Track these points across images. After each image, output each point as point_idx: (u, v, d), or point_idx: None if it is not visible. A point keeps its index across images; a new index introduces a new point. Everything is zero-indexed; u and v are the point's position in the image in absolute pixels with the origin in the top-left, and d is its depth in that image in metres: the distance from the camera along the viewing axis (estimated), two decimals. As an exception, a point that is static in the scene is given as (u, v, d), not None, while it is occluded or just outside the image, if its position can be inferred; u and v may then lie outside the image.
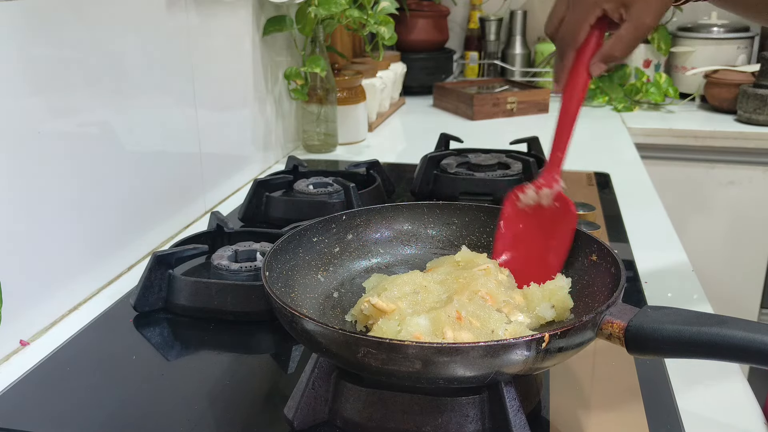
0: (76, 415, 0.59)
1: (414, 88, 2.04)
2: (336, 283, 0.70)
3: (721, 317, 0.50)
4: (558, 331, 0.49)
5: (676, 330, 0.50)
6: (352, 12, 1.29)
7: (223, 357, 0.68)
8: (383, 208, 0.75)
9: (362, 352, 0.49)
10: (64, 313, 0.78)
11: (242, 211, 1.02)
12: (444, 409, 0.53)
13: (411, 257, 0.75)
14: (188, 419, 0.57)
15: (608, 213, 1.05)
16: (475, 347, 0.47)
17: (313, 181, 1.06)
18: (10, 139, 0.68)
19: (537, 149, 1.23)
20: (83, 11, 0.78)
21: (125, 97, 0.87)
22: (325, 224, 0.71)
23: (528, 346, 0.48)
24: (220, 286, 0.73)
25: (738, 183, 1.75)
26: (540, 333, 0.48)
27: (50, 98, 0.74)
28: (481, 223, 0.75)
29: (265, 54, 1.29)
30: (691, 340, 0.49)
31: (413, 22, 2.01)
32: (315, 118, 1.40)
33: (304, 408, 0.55)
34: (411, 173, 1.19)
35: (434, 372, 0.48)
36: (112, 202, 0.85)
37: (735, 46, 1.91)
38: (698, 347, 0.49)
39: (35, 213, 0.72)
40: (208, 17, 1.07)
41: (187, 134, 1.03)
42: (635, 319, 0.52)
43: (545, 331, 0.48)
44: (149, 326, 0.73)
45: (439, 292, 0.62)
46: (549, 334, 0.48)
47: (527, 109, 1.81)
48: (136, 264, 0.90)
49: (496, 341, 0.48)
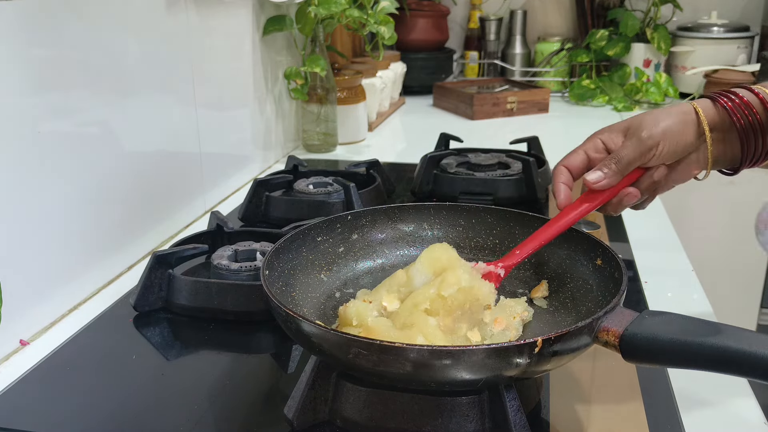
0: (76, 415, 0.59)
1: (414, 88, 2.04)
2: (339, 283, 0.70)
3: (719, 327, 0.49)
4: (552, 336, 0.48)
5: (670, 340, 0.49)
6: (352, 12, 1.29)
7: (223, 357, 0.68)
8: (389, 208, 0.75)
9: (353, 353, 0.49)
10: (64, 313, 0.78)
11: (242, 210, 1.02)
12: (444, 409, 0.53)
13: (415, 258, 0.74)
14: (188, 419, 0.57)
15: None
16: (467, 351, 0.47)
17: (313, 180, 1.06)
18: (10, 139, 0.68)
19: (537, 149, 1.23)
20: (83, 11, 0.78)
21: (125, 97, 0.87)
22: (330, 224, 0.71)
23: (520, 350, 0.48)
24: (220, 286, 0.73)
25: (738, 183, 1.75)
26: (533, 338, 0.48)
27: (50, 98, 0.74)
28: (488, 224, 0.75)
29: (265, 54, 1.29)
30: (686, 351, 0.49)
31: (413, 21, 2.01)
32: (315, 117, 1.40)
33: (304, 408, 0.55)
34: (411, 173, 1.19)
35: (426, 374, 0.48)
36: (112, 202, 0.85)
37: (735, 46, 1.91)
38: (693, 359, 0.49)
39: (35, 213, 0.72)
40: (208, 17, 1.06)
41: (187, 134, 1.03)
42: (631, 327, 0.51)
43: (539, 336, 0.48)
44: (149, 326, 0.73)
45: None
46: (542, 339, 0.48)
47: (527, 108, 1.81)
48: (136, 264, 0.90)
49: (489, 345, 0.47)
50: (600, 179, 0.67)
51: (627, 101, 1.88)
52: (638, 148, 0.66)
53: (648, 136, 0.65)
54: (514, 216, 0.73)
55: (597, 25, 2.05)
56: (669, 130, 0.65)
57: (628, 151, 0.66)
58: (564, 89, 2.05)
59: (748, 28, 1.94)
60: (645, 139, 0.65)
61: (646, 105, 1.92)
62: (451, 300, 0.61)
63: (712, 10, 1.97)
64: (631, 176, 0.68)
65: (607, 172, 0.67)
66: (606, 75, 1.97)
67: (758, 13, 2.07)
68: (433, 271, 0.65)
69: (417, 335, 0.57)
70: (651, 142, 0.65)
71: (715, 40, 1.92)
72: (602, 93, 1.93)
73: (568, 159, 0.71)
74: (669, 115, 0.66)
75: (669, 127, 0.65)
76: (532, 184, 1.07)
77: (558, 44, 2.07)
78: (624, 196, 0.68)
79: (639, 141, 0.66)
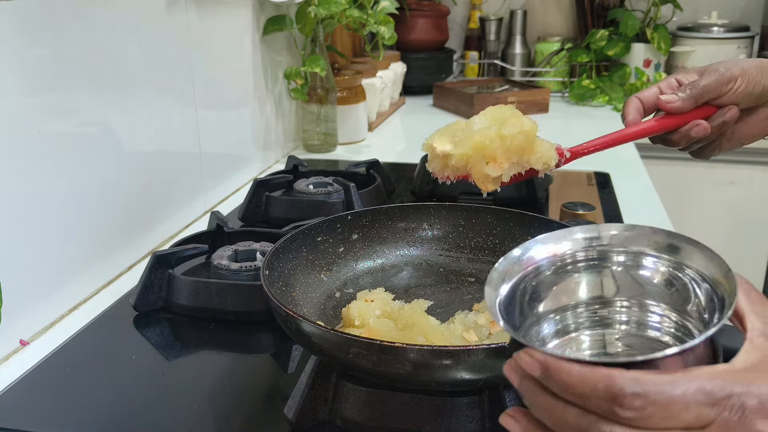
0: (76, 415, 0.59)
1: (414, 88, 2.04)
2: (339, 283, 0.70)
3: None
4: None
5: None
6: (352, 12, 1.29)
7: (223, 357, 0.68)
8: (389, 208, 0.75)
9: (353, 353, 0.49)
10: (64, 313, 0.78)
11: (242, 210, 1.02)
12: (444, 409, 0.53)
13: (415, 258, 0.75)
14: (188, 419, 0.57)
15: (608, 213, 1.05)
16: (468, 350, 0.47)
17: (313, 180, 1.06)
18: (10, 139, 0.68)
19: (537, 149, 1.23)
20: (83, 11, 0.78)
21: (125, 97, 0.87)
22: (330, 224, 0.71)
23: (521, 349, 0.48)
24: (220, 286, 0.73)
25: (738, 183, 1.75)
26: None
27: (50, 98, 0.74)
28: (488, 225, 0.75)
29: (265, 54, 1.29)
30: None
31: (413, 21, 2.01)
32: (315, 117, 1.40)
33: (304, 408, 0.55)
34: (411, 173, 1.19)
35: (426, 374, 0.48)
36: (112, 202, 0.85)
37: (735, 46, 1.91)
38: None
39: (35, 213, 0.72)
40: (208, 17, 1.06)
41: (187, 134, 1.03)
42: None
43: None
44: (149, 326, 0.73)
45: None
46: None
47: (527, 108, 1.80)
48: (136, 264, 0.90)
49: (490, 345, 0.47)
50: (673, 100, 0.69)
51: (627, 101, 1.88)
52: (716, 79, 0.68)
53: (726, 70, 0.68)
54: (514, 216, 0.73)
55: (597, 25, 2.05)
56: (748, 71, 0.68)
57: (705, 81, 0.68)
58: (564, 89, 2.05)
59: (748, 28, 1.94)
60: (723, 72, 0.68)
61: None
62: (511, 140, 0.60)
63: (712, 10, 1.97)
64: (704, 111, 0.69)
65: (682, 96, 0.68)
66: (606, 75, 1.97)
67: (758, 13, 2.07)
68: (494, 122, 0.64)
69: (417, 335, 0.57)
70: (729, 75, 0.67)
71: (715, 40, 1.92)
72: (602, 93, 1.93)
73: (642, 92, 0.72)
74: (748, 60, 0.69)
75: (748, 68, 0.68)
76: (532, 184, 1.07)
77: (558, 44, 2.07)
78: (694, 126, 0.69)
79: (717, 73, 0.68)
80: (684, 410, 0.32)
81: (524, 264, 0.42)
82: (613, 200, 1.11)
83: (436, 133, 0.67)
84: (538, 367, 0.35)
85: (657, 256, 0.40)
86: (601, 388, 0.33)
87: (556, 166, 0.65)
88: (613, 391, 0.32)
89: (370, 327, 0.58)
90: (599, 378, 0.33)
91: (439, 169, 0.65)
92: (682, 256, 0.40)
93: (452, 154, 0.62)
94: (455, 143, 0.63)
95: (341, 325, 0.64)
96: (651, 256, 0.40)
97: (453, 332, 0.60)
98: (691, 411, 0.32)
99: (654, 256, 0.40)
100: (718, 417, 0.32)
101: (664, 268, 0.40)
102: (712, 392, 0.32)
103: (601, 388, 0.33)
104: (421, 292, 0.71)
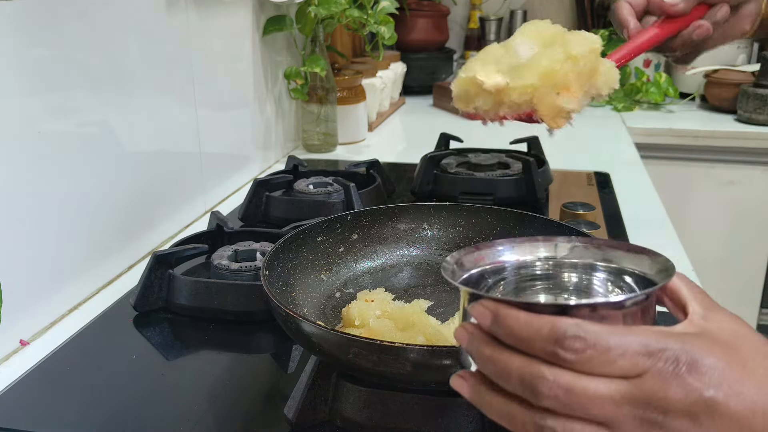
0: (76, 415, 0.59)
1: (414, 88, 2.04)
2: (339, 284, 0.70)
3: None
4: None
5: None
6: (352, 12, 1.29)
7: (223, 357, 0.68)
8: (389, 208, 0.75)
9: (353, 353, 0.49)
10: (64, 313, 0.78)
11: (242, 210, 1.02)
12: (444, 409, 0.53)
13: (415, 258, 0.75)
14: (188, 419, 0.57)
15: (608, 213, 1.05)
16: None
17: (313, 180, 1.06)
18: (10, 139, 0.68)
19: (537, 149, 1.23)
20: (83, 11, 0.78)
21: (125, 97, 0.87)
22: (330, 224, 0.71)
23: None
24: (220, 286, 0.73)
25: (738, 183, 1.75)
26: None
27: (50, 98, 0.74)
28: (488, 224, 0.75)
29: (265, 54, 1.29)
30: None
31: (413, 21, 2.01)
32: (315, 117, 1.40)
33: (304, 408, 0.55)
34: (411, 173, 1.19)
35: (426, 374, 0.48)
36: (112, 202, 0.85)
37: (735, 46, 1.91)
38: None
39: (35, 213, 0.72)
40: (208, 17, 1.06)
41: (187, 134, 1.03)
42: None
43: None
44: (149, 326, 0.73)
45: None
46: None
47: (527, 108, 1.80)
48: (136, 264, 0.90)
49: None
50: (677, 2, 0.72)
51: (627, 101, 1.88)
52: None
53: None
54: (514, 216, 0.73)
55: (597, 25, 2.05)
56: None
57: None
58: (564, 89, 2.04)
59: (748, 28, 1.94)
60: None
61: (645, 105, 1.92)
62: (584, 62, 0.51)
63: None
64: (698, 12, 0.73)
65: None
66: (606, 75, 1.97)
67: (758, 13, 2.07)
68: (542, 42, 0.54)
69: (417, 335, 0.57)
70: None
71: (715, 40, 1.92)
72: (602, 93, 1.93)
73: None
74: None
75: None
76: (532, 184, 1.07)
77: (558, 44, 2.07)
78: (696, 29, 0.73)
79: None
80: (621, 357, 0.34)
81: (482, 262, 0.44)
82: (613, 200, 1.11)
83: (475, 62, 0.55)
84: (489, 316, 0.37)
85: (603, 266, 0.43)
86: (545, 332, 0.35)
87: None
88: (556, 333, 0.35)
89: (370, 327, 0.58)
90: (544, 322, 0.35)
91: (489, 107, 0.54)
92: (621, 262, 0.43)
93: (510, 87, 0.51)
94: (507, 74, 0.52)
95: (341, 325, 0.64)
96: (599, 267, 0.43)
97: (453, 332, 0.60)
98: (627, 358, 0.34)
99: (601, 266, 0.43)
100: (652, 367, 0.34)
101: (608, 275, 0.43)
102: (648, 344, 0.35)
103: (545, 331, 0.35)
104: (421, 292, 0.71)
